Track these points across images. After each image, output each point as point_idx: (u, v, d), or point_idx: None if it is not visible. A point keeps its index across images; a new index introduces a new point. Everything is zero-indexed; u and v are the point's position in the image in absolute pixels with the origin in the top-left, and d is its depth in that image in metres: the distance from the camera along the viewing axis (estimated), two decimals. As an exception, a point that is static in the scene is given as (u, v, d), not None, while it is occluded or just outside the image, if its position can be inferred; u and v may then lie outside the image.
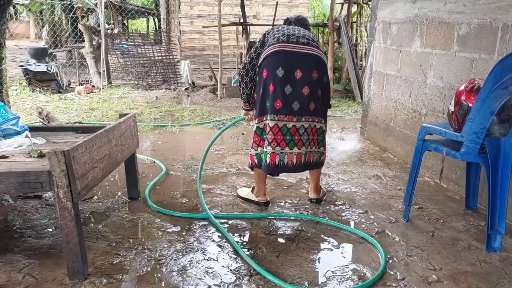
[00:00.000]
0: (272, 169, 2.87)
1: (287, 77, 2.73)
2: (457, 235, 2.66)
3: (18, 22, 23.45)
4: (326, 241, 2.59)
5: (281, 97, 2.75)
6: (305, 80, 2.75)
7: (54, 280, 2.14)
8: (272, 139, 2.80)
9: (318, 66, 2.79)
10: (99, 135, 2.34)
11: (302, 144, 2.84)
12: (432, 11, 3.64)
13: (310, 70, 2.76)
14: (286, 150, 2.82)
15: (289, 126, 2.79)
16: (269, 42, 2.83)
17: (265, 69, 2.78)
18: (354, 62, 7.88)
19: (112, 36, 10.03)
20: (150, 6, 19.93)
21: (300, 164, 2.89)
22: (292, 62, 2.74)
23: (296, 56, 2.74)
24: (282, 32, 2.83)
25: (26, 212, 2.94)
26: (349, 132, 5.41)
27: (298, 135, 2.81)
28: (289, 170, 2.90)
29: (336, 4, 8.82)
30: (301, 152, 2.85)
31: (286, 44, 2.75)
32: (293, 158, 2.84)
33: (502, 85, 2.22)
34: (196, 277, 2.19)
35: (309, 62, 2.77)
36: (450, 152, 2.52)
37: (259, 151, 2.91)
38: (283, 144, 2.81)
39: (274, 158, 2.82)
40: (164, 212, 2.92)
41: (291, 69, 2.73)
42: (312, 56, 2.78)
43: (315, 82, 2.79)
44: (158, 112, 6.44)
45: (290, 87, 2.74)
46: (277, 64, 2.73)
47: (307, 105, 2.79)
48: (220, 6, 7.69)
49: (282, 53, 2.74)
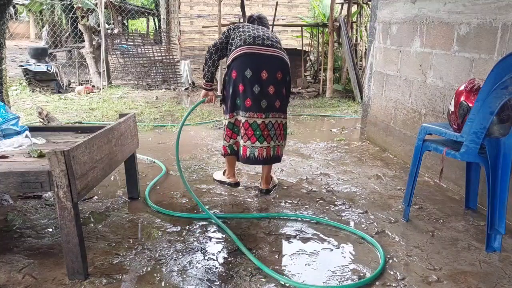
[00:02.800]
0: (245, 160, 3.19)
1: (255, 78, 3.00)
2: (456, 235, 2.66)
3: (18, 22, 23.45)
4: (326, 241, 2.59)
5: (250, 96, 3.03)
6: (270, 80, 3.03)
7: (54, 280, 2.14)
8: (243, 133, 3.11)
9: (282, 67, 3.07)
10: (99, 135, 2.34)
11: (271, 139, 3.14)
12: (431, 11, 3.64)
13: (275, 70, 3.04)
14: (257, 144, 3.11)
15: (259, 122, 3.08)
16: (236, 42, 3.07)
17: (234, 70, 3.04)
18: (354, 62, 7.87)
19: (112, 36, 10.03)
20: (150, 6, 19.92)
21: (270, 157, 3.18)
22: (259, 64, 3.00)
23: (262, 58, 3.01)
24: (248, 34, 3.06)
25: (26, 212, 2.94)
26: (349, 132, 5.41)
27: (267, 130, 3.11)
28: (258, 162, 3.20)
29: (336, 4, 8.81)
30: (270, 145, 3.15)
31: (252, 46, 3.01)
32: (263, 152, 3.14)
33: (502, 85, 2.22)
34: (196, 277, 2.19)
35: (274, 63, 3.04)
36: (450, 152, 2.52)
37: (231, 142, 3.23)
38: (253, 139, 3.11)
39: (245, 151, 3.14)
40: (164, 212, 2.92)
41: (258, 70, 3.00)
42: (277, 58, 3.05)
43: (279, 82, 3.07)
44: (158, 112, 6.45)
45: (258, 86, 3.02)
46: (245, 66, 3.00)
47: (274, 102, 3.09)
48: (220, 6, 7.70)
49: (250, 56, 3.00)
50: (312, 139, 4.97)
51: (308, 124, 5.83)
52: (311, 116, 6.34)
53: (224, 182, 3.46)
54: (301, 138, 5.03)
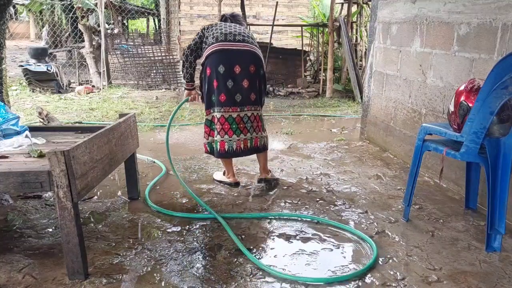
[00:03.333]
0: (223, 155, 3.26)
1: (228, 73, 3.10)
2: (456, 235, 2.66)
3: (18, 22, 23.44)
4: (326, 241, 2.59)
5: (224, 91, 3.12)
6: (244, 74, 3.13)
7: (54, 280, 2.14)
8: (220, 128, 3.19)
9: (254, 60, 3.16)
10: (99, 135, 2.34)
11: (247, 131, 3.25)
12: (432, 11, 3.64)
13: (248, 64, 3.13)
14: (234, 138, 3.22)
15: (234, 116, 3.18)
16: (209, 40, 3.16)
17: (208, 67, 3.14)
18: (354, 62, 7.87)
19: (112, 36, 10.03)
20: (150, 6, 19.92)
21: (247, 148, 3.29)
22: (231, 59, 3.10)
23: (234, 53, 3.11)
24: (220, 31, 3.16)
25: (26, 212, 2.94)
26: (349, 132, 5.41)
27: (242, 123, 3.22)
28: (238, 154, 3.30)
29: (336, 4, 8.82)
30: (246, 138, 3.26)
31: (224, 43, 3.10)
32: (241, 144, 3.25)
33: (502, 85, 2.22)
34: (196, 277, 2.19)
35: (246, 57, 3.14)
36: (450, 152, 2.52)
37: (209, 140, 3.31)
38: (230, 133, 3.20)
39: (223, 145, 3.21)
40: (164, 212, 2.92)
41: (230, 65, 3.09)
42: (248, 52, 3.14)
43: (253, 75, 3.16)
44: (158, 112, 6.45)
45: (231, 81, 3.12)
46: (218, 62, 3.09)
47: (248, 96, 3.19)
48: (220, 6, 7.70)
49: (222, 52, 3.09)
50: (312, 139, 4.97)
51: (308, 124, 5.83)
52: (311, 116, 6.34)
53: (224, 182, 3.48)
54: (301, 138, 5.03)
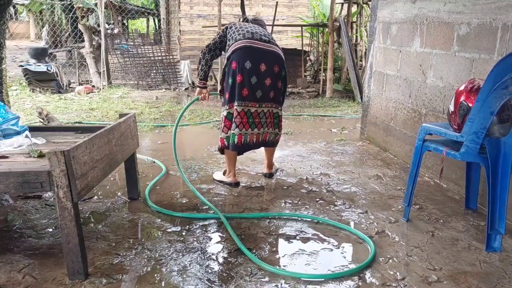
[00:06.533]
0: (239, 147, 3.33)
1: (254, 69, 3.17)
2: (457, 235, 2.66)
3: (18, 22, 23.42)
4: (326, 241, 2.59)
5: (247, 86, 3.20)
6: (267, 72, 3.22)
7: (54, 280, 2.14)
8: (239, 122, 3.25)
9: (278, 61, 3.27)
10: (99, 135, 2.34)
11: (261, 126, 3.35)
12: (432, 11, 3.64)
13: (273, 64, 3.23)
14: (249, 131, 3.31)
15: (252, 110, 3.27)
16: (235, 36, 3.24)
17: (234, 61, 3.18)
18: (354, 62, 7.88)
19: (112, 36, 10.03)
20: (150, 6, 19.92)
21: (258, 142, 3.40)
22: (258, 57, 3.18)
23: (261, 52, 3.19)
24: (246, 30, 3.25)
25: (26, 212, 2.94)
26: (349, 132, 5.41)
27: (258, 118, 3.32)
28: (250, 147, 3.41)
29: (336, 4, 8.82)
30: (259, 132, 3.37)
31: (252, 40, 3.19)
32: (253, 137, 3.35)
33: (502, 85, 2.22)
34: (196, 277, 2.19)
35: (271, 57, 3.24)
36: (450, 152, 2.52)
37: (228, 134, 3.33)
38: (247, 126, 3.30)
39: (240, 138, 3.29)
40: (164, 212, 2.92)
41: (257, 62, 3.17)
42: (274, 53, 3.25)
43: (276, 75, 3.27)
44: (158, 112, 6.45)
45: (255, 77, 3.19)
46: (245, 57, 3.16)
47: (268, 93, 3.28)
48: (220, 6, 7.70)
49: (250, 48, 3.16)
50: (312, 139, 4.97)
51: (308, 124, 5.83)
52: (311, 116, 6.34)
53: (224, 182, 3.49)
54: (301, 138, 5.03)
